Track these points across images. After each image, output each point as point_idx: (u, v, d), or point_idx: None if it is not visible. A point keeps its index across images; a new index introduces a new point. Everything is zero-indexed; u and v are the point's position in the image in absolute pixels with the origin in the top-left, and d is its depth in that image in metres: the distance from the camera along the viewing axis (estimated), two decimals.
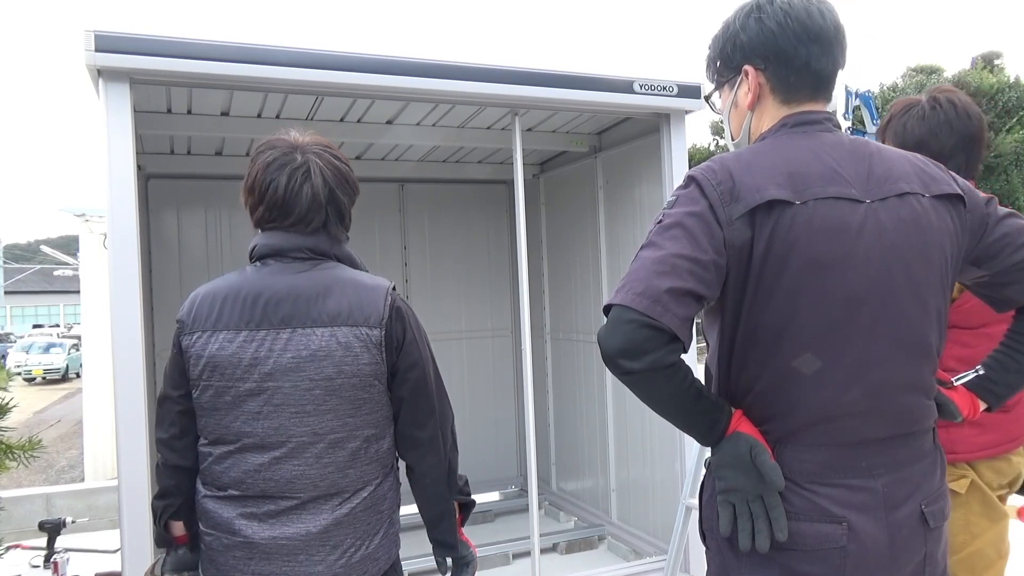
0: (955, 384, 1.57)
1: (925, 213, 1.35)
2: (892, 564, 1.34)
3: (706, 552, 1.48)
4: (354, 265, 1.74)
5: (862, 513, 1.31)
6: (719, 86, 1.53)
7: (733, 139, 1.54)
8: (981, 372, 1.58)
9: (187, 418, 1.66)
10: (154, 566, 1.78)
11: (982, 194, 1.47)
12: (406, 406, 1.68)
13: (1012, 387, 1.56)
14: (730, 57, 1.46)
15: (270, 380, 1.57)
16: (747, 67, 1.43)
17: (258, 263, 1.67)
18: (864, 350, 1.31)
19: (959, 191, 1.40)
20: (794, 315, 1.29)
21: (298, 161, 1.64)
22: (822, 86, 1.42)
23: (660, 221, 1.32)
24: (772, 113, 1.44)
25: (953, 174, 1.44)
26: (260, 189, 1.65)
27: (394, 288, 1.70)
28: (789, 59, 1.39)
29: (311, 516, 1.58)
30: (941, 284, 1.38)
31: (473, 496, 1.86)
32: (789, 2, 1.39)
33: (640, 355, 1.22)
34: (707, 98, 1.60)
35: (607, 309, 1.27)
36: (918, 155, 1.45)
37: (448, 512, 1.75)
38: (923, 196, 1.35)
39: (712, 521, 1.40)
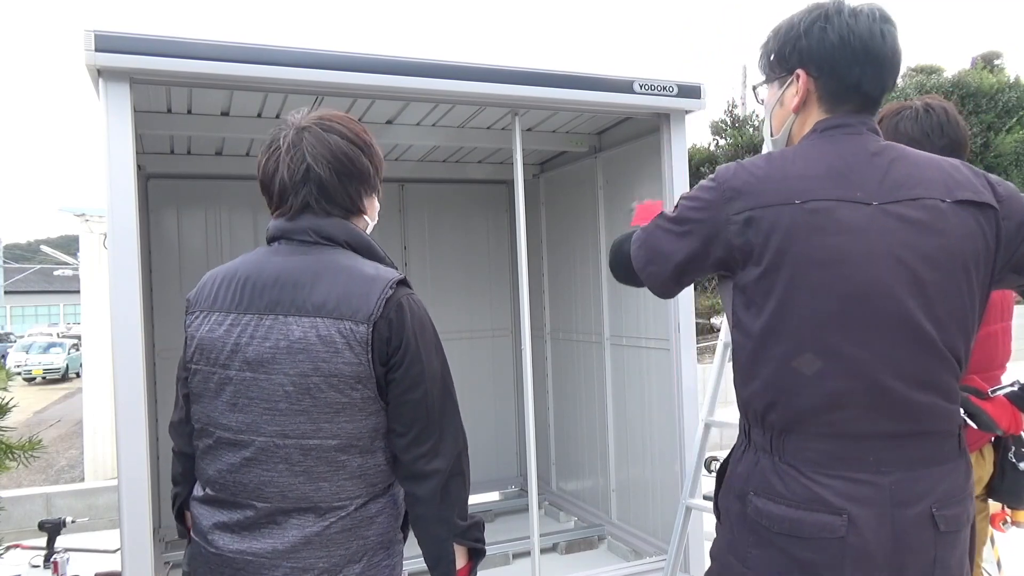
0: (991, 395, 1.55)
1: (942, 217, 1.35)
2: (895, 561, 1.34)
3: (716, 525, 1.55)
4: (372, 253, 1.56)
5: (865, 507, 1.33)
6: (769, 80, 1.55)
7: (772, 135, 1.57)
8: (1017, 384, 1.57)
9: (189, 402, 1.57)
10: None
11: None
12: (400, 428, 1.48)
13: None
14: (787, 57, 1.48)
15: (248, 370, 1.45)
16: (800, 71, 1.45)
17: (269, 244, 1.57)
18: (863, 343, 1.34)
19: (986, 200, 1.38)
20: (793, 308, 1.35)
21: (279, 140, 1.52)
22: (867, 105, 1.45)
23: (676, 206, 1.48)
24: (815, 119, 1.47)
25: (991, 180, 1.42)
26: (257, 173, 1.56)
27: (402, 283, 1.49)
28: (842, 76, 1.42)
29: (280, 531, 1.45)
30: (961, 287, 1.36)
31: (479, 508, 1.73)
32: (856, 18, 1.40)
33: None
34: (755, 87, 1.62)
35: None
36: (954, 161, 1.45)
37: (445, 557, 1.51)
38: (942, 201, 1.36)
39: (736, 505, 1.47)
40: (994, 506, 2.20)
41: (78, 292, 9.94)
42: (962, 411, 1.46)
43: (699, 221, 1.42)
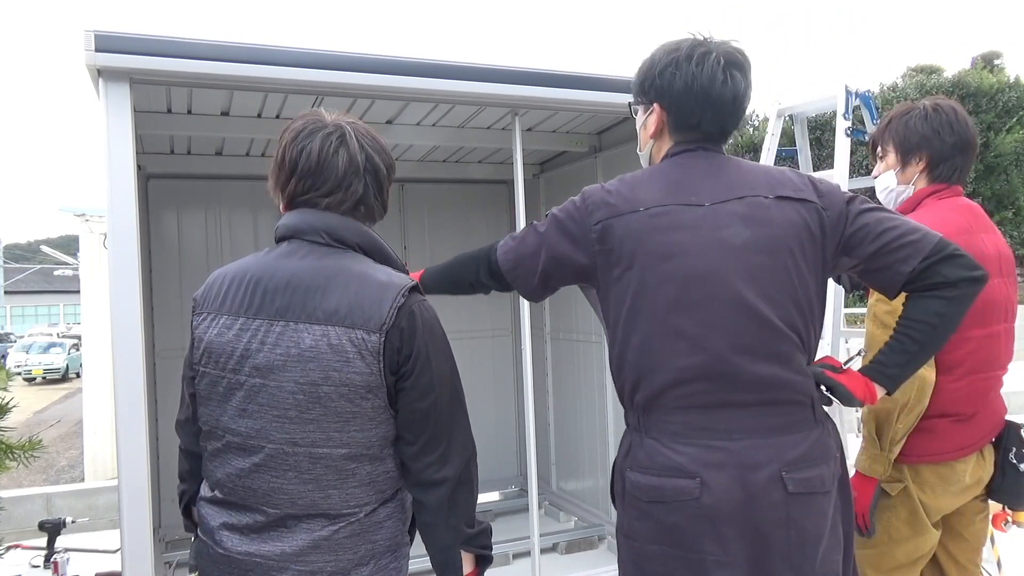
0: (844, 368, 1.67)
1: (765, 210, 1.57)
2: (749, 519, 1.50)
3: (613, 503, 1.75)
4: (384, 257, 1.57)
5: (717, 470, 1.51)
6: (636, 103, 1.79)
7: (640, 150, 1.82)
8: (863, 353, 1.73)
9: (196, 403, 1.57)
10: None
11: (848, 193, 1.64)
12: (408, 436, 1.48)
13: (903, 368, 1.64)
14: (647, 91, 1.72)
15: (258, 376, 1.43)
16: (656, 104, 1.70)
17: (277, 244, 1.55)
18: (704, 323, 1.53)
19: (806, 196, 1.59)
20: (646, 298, 1.56)
21: (330, 128, 1.52)
22: (708, 138, 1.68)
23: (546, 215, 1.74)
24: (667, 145, 1.72)
25: (814, 180, 1.63)
26: (291, 159, 1.51)
27: (414, 290, 1.48)
28: (685, 116, 1.66)
29: (290, 534, 1.44)
30: (789, 269, 1.55)
31: (479, 509, 1.65)
32: (701, 65, 1.61)
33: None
34: (630, 105, 1.83)
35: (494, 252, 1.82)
36: (782, 168, 1.68)
37: (452, 563, 1.51)
38: (765, 197, 1.58)
39: (619, 485, 1.67)
40: (995, 506, 2.20)
41: (78, 292, 9.93)
42: (822, 386, 1.63)
43: (567, 230, 1.66)
